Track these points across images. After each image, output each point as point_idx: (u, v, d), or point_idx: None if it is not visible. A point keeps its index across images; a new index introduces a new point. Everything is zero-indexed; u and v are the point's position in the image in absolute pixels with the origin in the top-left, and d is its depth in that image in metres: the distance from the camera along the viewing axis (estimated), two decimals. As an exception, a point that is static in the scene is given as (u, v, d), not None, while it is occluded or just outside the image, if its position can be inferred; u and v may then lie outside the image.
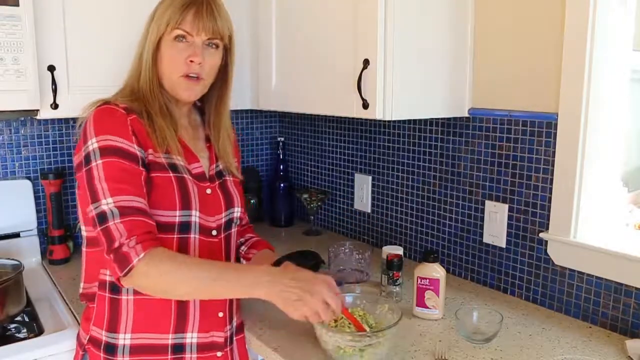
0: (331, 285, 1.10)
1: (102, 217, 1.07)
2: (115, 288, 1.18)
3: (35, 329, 1.48)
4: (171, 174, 1.16)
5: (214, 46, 1.21)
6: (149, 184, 1.13)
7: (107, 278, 1.18)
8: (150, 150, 1.15)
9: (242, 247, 1.44)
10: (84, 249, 1.24)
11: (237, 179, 1.35)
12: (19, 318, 1.51)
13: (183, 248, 1.17)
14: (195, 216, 1.18)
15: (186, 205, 1.16)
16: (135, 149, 1.12)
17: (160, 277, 1.06)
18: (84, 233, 1.22)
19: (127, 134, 1.12)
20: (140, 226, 1.08)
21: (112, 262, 1.06)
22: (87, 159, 1.11)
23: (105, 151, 1.09)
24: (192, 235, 1.18)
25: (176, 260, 1.08)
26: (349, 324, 1.29)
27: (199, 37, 1.18)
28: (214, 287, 1.09)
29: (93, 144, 1.10)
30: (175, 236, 1.16)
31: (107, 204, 1.07)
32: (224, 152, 1.31)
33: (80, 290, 1.26)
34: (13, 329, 1.48)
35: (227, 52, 1.27)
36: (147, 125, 1.16)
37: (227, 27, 1.23)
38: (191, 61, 1.17)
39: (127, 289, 1.16)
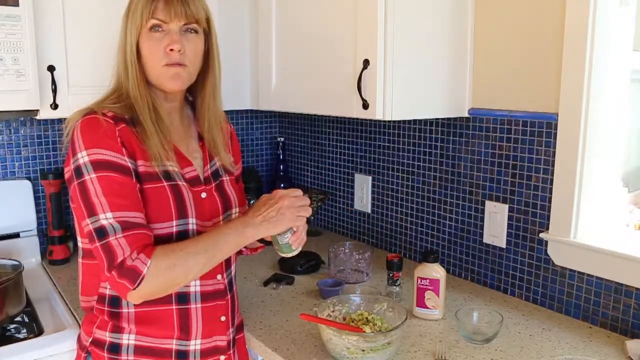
0: (288, 193, 1.19)
1: (101, 232, 1.05)
2: (115, 302, 1.16)
3: (35, 330, 1.48)
4: (165, 183, 1.13)
5: (192, 31, 1.17)
6: (143, 196, 1.11)
7: (107, 292, 1.17)
8: (140, 161, 1.12)
9: None
10: (80, 260, 1.22)
11: (233, 176, 1.32)
12: (18, 318, 1.51)
13: None
14: (192, 224, 1.16)
15: (182, 214, 1.14)
16: (127, 161, 1.09)
17: (167, 277, 1.07)
18: (79, 244, 1.20)
19: (117, 146, 1.09)
20: (141, 238, 1.06)
21: (118, 279, 1.04)
22: (79, 172, 1.07)
23: (97, 165, 1.07)
24: None
25: (175, 252, 1.09)
26: (363, 324, 1.29)
27: (174, 24, 1.14)
28: (214, 258, 1.13)
29: (83, 157, 1.07)
30: None
31: (107, 218, 1.05)
32: (214, 144, 1.27)
33: (80, 304, 1.25)
34: (13, 330, 1.48)
35: (208, 36, 1.22)
36: (137, 134, 1.13)
37: (203, 10, 1.19)
38: (171, 50, 1.14)
39: (127, 302, 1.15)
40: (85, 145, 1.08)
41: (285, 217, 1.16)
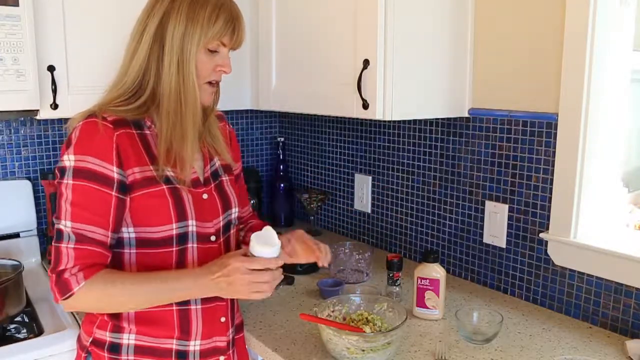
0: (243, 265, 1.10)
1: (58, 235, 1.09)
2: None
3: (35, 330, 1.48)
4: (164, 187, 1.14)
5: None
6: (141, 200, 1.12)
7: None
8: (137, 167, 1.12)
9: (241, 233, 1.42)
10: None
11: (233, 176, 1.33)
12: (18, 318, 1.51)
13: (181, 259, 1.17)
14: (192, 226, 1.16)
15: (182, 216, 1.15)
16: (114, 172, 1.09)
17: (97, 302, 1.11)
18: None
19: (108, 155, 1.09)
20: (90, 256, 1.08)
21: (53, 285, 1.08)
22: (62, 173, 1.10)
23: (78, 173, 1.08)
24: (190, 245, 1.17)
25: (114, 284, 1.10)
26: (363, 324, 1.29)
27: (228, 48, 1.19)
28: (156, 301, 1.14)
29: (70, 161, 1.08)
30: (174, 249, 1.15)
31: (66, 226, 1.08)
32: (214, 144, 1.28)
33: None
34: (13, 330, 1.48)
35: None
36: (144, 138, 1.15)
37: None
38: (220, 70, 1.19)
39: None
40: (75, 150, 1.09)
41: (236, 290, 1.12)
